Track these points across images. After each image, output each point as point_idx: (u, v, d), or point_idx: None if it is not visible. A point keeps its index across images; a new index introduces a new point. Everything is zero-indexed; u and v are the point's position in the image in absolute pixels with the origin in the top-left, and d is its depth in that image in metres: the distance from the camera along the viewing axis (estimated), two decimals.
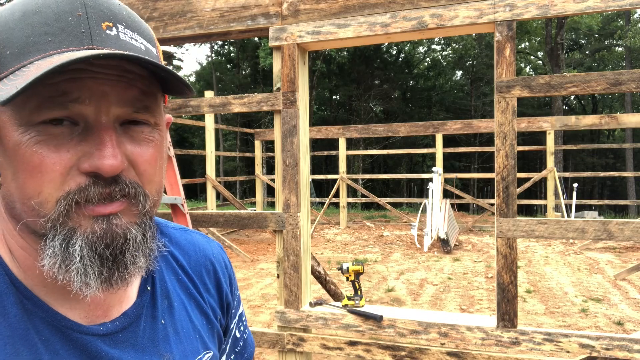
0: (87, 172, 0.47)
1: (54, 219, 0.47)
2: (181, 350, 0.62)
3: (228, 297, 0.74)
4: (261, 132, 11.14)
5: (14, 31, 0.47)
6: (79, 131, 0.48)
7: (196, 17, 2.30)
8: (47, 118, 0.46)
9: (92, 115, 0.48)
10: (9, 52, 0.47)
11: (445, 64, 29.35)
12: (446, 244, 7.83)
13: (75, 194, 0.47)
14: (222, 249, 0.78)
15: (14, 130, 0.47)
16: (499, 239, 1.92)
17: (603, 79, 1.79)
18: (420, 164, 27.82)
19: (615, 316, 4.65)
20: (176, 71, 8.33)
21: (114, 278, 0.49)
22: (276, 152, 2.26)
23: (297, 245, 2.20)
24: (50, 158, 0.47)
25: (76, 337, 0.52)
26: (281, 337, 2.23)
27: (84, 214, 0.48)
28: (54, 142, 0.47)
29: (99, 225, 0.48)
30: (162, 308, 0.63)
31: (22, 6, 0.48)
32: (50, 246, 0.48)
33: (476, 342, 1.96)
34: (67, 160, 0.47)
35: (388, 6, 2.03)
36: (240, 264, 7.19)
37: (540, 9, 1.83)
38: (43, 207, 0.47)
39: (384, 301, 5.19)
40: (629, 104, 23.58)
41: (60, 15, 0.47)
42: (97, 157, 0.47)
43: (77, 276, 0.48)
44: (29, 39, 0.46)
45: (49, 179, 0.47)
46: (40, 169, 0.47)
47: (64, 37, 0.47)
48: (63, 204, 0.47)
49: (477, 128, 9.16)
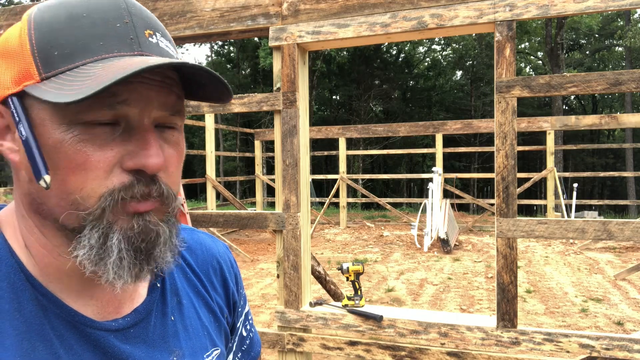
0: (132, 169, 0.50)
1: (95, 214, 0.49)
2: (190, 347, 0.63)
3: (234, 296, 0.75)
4: (261, 132, 11.14)
5: (61, 33, 0.48)
6: (120, 131, 0.50)
7: (196, 17, 2.30)
8: (94, 118, 0.48)
9: (136, 117, 0.50)
10: (56, 52, 0.48)
11: (445, 64, 29.34)
12: (446, 244, 7.83)
13: (120, 191, 0.49)
14: (228, 248, 0.79)
15: (54, 128, 0.48)
16: (499, 239, 1.92)
17: (603, 79, 1.79)
18: (420, 164, 27.82)
19: (615, 316, 4.65)
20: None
21: (144, 271, 0.52)
22: (276, 152, 2.26)
23: (297, 245, 2.20)
24: (94, 156, 0.48)
25: (89, 332, 0.54)
26: (281, 337, 2.23)
27: (125, 210, 0.50)
28: (97, 141, 0.49)
29: (137, 221, 0.51)
30: (172, 305, 0.64)
31: (66, 10, 0.49)
32: (88, 238, 0.49)
33: (476, 342, 1.96)
34: (110, 158, 0.49)
35: (388, 6, 2.03)
36: (241, 264, 7.19)
37: (540, 9, 1.83)
38: (85, 201, 0.49)
39: (384, 301, 5.19)
40: (629, 104, 23.58)
41: (108, 21, 0.49)
42: (143, 156, 0.50)
43: (112, 268, 0.50)
44: (78, 41, 0.48)
45: (93, 176, 0.49)
46: (85, 166, 0.48)
47: (115, 42, 0.49)
48: (108, 199, 0.49)
49: (477, 128, 9.16)
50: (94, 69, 0.46)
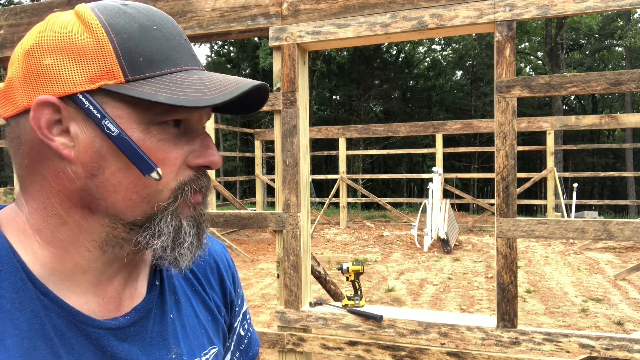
0: (198, 166, 0.57)
1: (170, 204, 0.55)
2: (188, 345, 0.64)
3: (231, 295, 0.76)
4: (261, 132, 11.14)
5: (141, 41, 0.52)
6: (182, 132, 0.56)
7: (196, 17, 2.30)
8: (172, 119, 0.54)
9: (196, 122, 0.57)
10: (142, 58, 0.52)
11: (445, 64, 29.33)
12: (446, 244, 7.83)
13: (188, 183, 0.56)
14: (225, 248, 0.80)
15: (134, 127, 0.52)
16: (499, 239, 1.92)
17: (603, 79, 1.79)
18: (420, 164, 27.81)
19: (615, 316, 4.65)
20: None
21: (197, 254, 0.59)
22: (276, 152, 2.26)
23: (297, 245, 2.20)
24: (172, 153, 0.54)
25: (89, 331, 0.55)
26: (281, 337, 2.23)
27: (187, 201, 0.56)
28: (172, 140, 0.55)
29: (195, 211, 0.58)
30: (170, 303, 0.65)
31: (134, 19, 0.53)
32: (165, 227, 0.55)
33: (476, 342, 1.96)
34: (181, 155, 0.55)
35: (388, 6, 2.03)
36: (240, 264, 7.19)
37: (540, 9, 1.83)
38: (161, 194, 0.55)
39: (384, 301, 5.19)
40: (629, 104, 23.58)
41: (174, 36, 0.56)
42: (210, 155, 0.57)
43: (186, 253, 0.56)
44: (160, 51, 0.53)
45: (169, 171, 0.54)
46: (164, 162, 0.54)
47: (186, 56, 0.56)
48: (179, 191, 0.55)
49: (477, 128, 9.15)
50: (190, 78, 0.53)
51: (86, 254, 0.55)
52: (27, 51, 0.52)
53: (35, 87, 0.51)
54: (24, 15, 2.56)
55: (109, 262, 0.57)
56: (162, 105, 0.50)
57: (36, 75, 0.51)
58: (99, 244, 0.55)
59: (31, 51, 0.51)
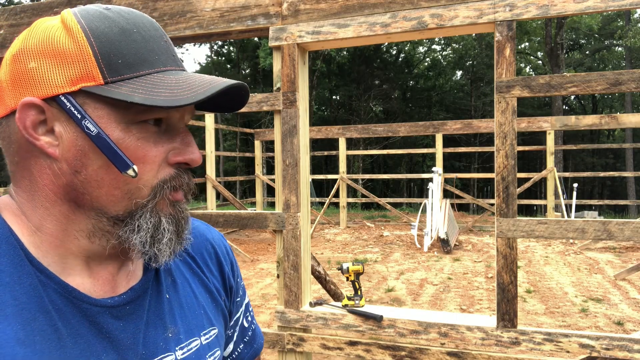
0: (178, 163, 0.58)
1: (149, 201, 0.57)
2: (186, 325, 0.66)
3: (230, 281, 0.78)
4: (261, 132, 11.14)
5: (120, 44, 0.54)
6: (163, 131, 0.58)
7: (196, 17, 2.30)
8: (152, 118, 0.56)
9: (176, 120, 0.59)
10: (120, 61, 0.54)
11: (445, 64, 29.33)
12: (446, 244, 7.83)
13: (170, 181, 0.58)
14: (223, 237, 0.82)
15: (114, 126, 0.54)
16: (499, 239, 1.92)
17: (603, 79, 1.79)
18: (420, 164, 27.80)
19: (615, 316, 4.65)
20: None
21: (177, 251, 0.60)
22: (276, 152, 2.26)
23: (297, 245, 2.20)
24: (152, 152, 0.56)
25: (85, 307, 0.57)
26: (281, 337, 2.23)
27: (167, 198, 0.58)
28: (152, 139, 0.56)
29: (175, 208, 0.59)
30: (167, 284, 0.67)
31: (114, 22, 0.55)
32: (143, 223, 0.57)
33: (476, 342, 1.96)
34: (161, 153, 0.57)
35: (388, 6, 2.03)
36: (241, 264, 7.19)
37: (540, 9, 1.83)
38: (141, 191, 0.56)
39: (384, 301, 5.19)
40: (629, 104, 23.58)
41: (155, 38, 0.57)
42: (189, 152, 0.58)
43: (165, 249, 0.58)
44: (138, 53, 0.55)
45: (149, 169, 0.56)
46: (143, 160, 0.55)
47: (165, 57, 0.57)
48: (159, 189, 0.57)
49: (477, 128, 9.15)
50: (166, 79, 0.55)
51: (75, 242, 0.57)
52: (13, 55, 0.55)
53: (21, 89, 0.54)
54: (24, 15, 2.56)
55: (98, 250, 0.59)
56: (139, 105, 0.52)
57: (22, 78, 0.54)
58: (86, 234, 0.58)
59: (17, 55, 0.55)
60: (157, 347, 0.61)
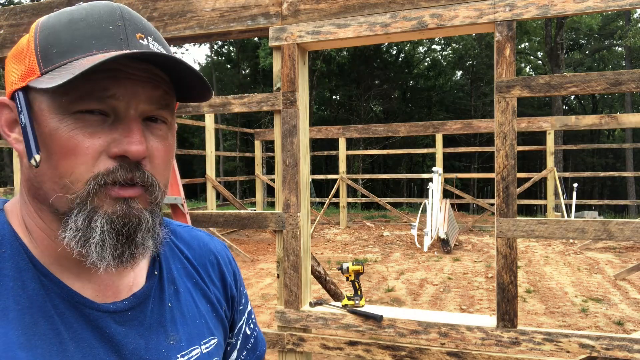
0: (116, 155, 0.54)
1: (82, 197, 0.53)
2: (187, 333, 0.66)
3: (232, 291, 0.78)
4: (261, 132, 11.14)
5: (61, 34, 0.54)
6: (109, 122, 0.54)
7: (196, 17, 2.30)
8: (85, 108, 0.53)
9: (123, 109, 0.54)
10: (55, 50, 0.53)
11: (445, 64, 29.31)
12: (446, 244, 7.83)
13: (104, 175, 0.53)
14: (226, 247, 0.82)
15: (51, 117, 0.53)
16: (499, 239, 1.92)
17: (603, 79, 1.79)
18: (420, 164, 27.80)
19: (615, 316, 4.65)
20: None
21: (125, 255, 0.55)
22: (276, 152, 2.26)
23: (297, 245, 2.20)
24: (84, 143, 0.53)
25: (88, 312, 0.57)
26: (281, 337, 2.23)
27: (108, 194, 0.54)
28: (88, 129, 0.53)
29: (120, 206, 0.54)
30: (169, 292, 0.67)
31: (69, 14, 0.55)
32: (74, 221, 0.53)
33: (476, 342, 1.96)
34: (98, 145, 0.53)
35: (388, 6, 2.03)
36: (240, 264, 7.19)
37: (540, 9, 1.83)
38: (74, 185, 0.53)
39: (384, 301, 5.19)
40: (629, 104, 23.58)
41: (102, 24, 0.55)
42: (126, 143, 0.53)
43: (95, 249, 0.53)
44: (74, 40, 0.53)
45: (82, 161, 0.53)
46: (75, 151, 0.53)
47: (106, 41, 0.54)
48: (93, 183, 0.53)
49: (477, 128, 9.15)
50: (84, 62, 0.51)
51: (57, 242, 0.56)
52: (6, 61, 0.59)
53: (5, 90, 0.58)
54: (24, 15, 2.56)
55: None
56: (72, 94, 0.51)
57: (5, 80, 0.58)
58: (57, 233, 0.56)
59: (7, 60, 0.59)
60: (159, 354, 0.61)
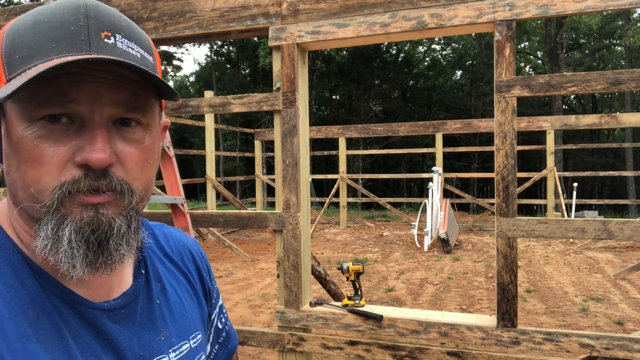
0: (80, 164, 0.52)
1: (48, 206, 0.52)
2: (176, 328, 0.68)
3: (208, 284, 0.80)
4: (261, 132, 11.14)
5: (24, 38, 0.52)
6: (75, 128, 0.52)
7: (196, 17, 2.30)
8: (46, 114, 0.51)
9: (87, 114, 0.52)
10: (17, 56, 0.52)
11: (445, 64, 29.32)
12: (446, 244, 7.83)
13: (69, 184, 0.52)
14: (197, 241, 0.84)
15: (18, 125, 0.52)
16: (499, 238, 1.92)
17: (603, 78, 1.79)
18: (420, 163, 27.80)
19: (615, 316, 4.65)
20: (176, 71, 8.31)
21: (98, 262, 0.54)
22: (276, 152, 2.26)
23: (297, 245, 2.20)
24: (48, 151, 0.51)
25: (84, 310, 0.57)
26: (281, 337, 2.23)
27: (75, 202, 0.52)
28: (53, 137, 0.52)
29: (87, 213, 0.53)
30: (156, 290, 0.68)
31: (33, 16, 0.53)
32: (43, 230, 0.53)
33: (476, 342, 1.96)
34: (63, 153, 0.52)
35: (387, 6, 2.03)
36: (241, 264, 7.19)
37: (539, 8, 1.83)
38: (41, 194, 0.52)
39: (384, 301, 5.19)
40: (629, 104, 23.58)
41: (64, 25, 0.52)
42: (88, 151, 0.52)
43: (64, 258, 0.52)
44: (35, 44, 0.51)
45: (47, 170, 0.52)
46: (40, 160, 0.51)
47: (65, 44, 0.51)
48: (58, 192, 0.52)
49: (477, 128, 9.15)
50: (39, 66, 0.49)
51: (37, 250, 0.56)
52: None
53: None
54: None
55: None
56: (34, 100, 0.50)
57: None
58: None
59: None
60: (152, 350, 0.62)
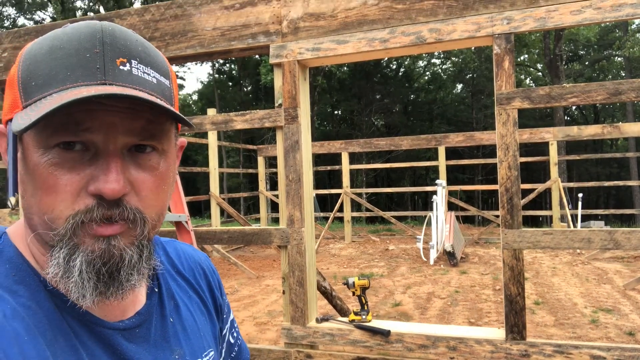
0: (93, 194, 0.51)
1: (62, 234, 0.52)
2: (190, 347, 0.68)
3: (219, 300, 0.80)
4: (264, 148, 11.19)
5: (41, 64, 0.52)
6: (89, 156, 0.52)
7: (197, 36, 2.34)
8: (62, 141, 0.51)
9: (101, 143, 0.52)
10: (34, 83, 0.51)
11: (446, 78, 29.51)
12: (452, 257, 7.77)
13: (82, 214, 0.51)
14: (208, 257, 0.84)
15: (34, 152, 0.52)
16: (505, 250, 1.91)
17: (603, 89, 1.80)
18: (424, 176, 27.77)
19: (626, 326, 4.58)
20: (179, 90, 8.60)
21: (109, 292, 0.54)
22: (279, 168, 2.27)
23: (302, 260, 2.19)
24: (63, 180, 0.51)
25: (99, 330, 0.58)
26: (288, 354, 2.21)
27: (88, 233, 0.52)
28: (67, 165, 0.51)
29: (99, 245, 0.52)
30: (170, 308, 0.68)
31: (50, 42, 0.53)
32: (56, 257, 0.52)
33: (485, 356, 1.93)
34: (77, 182, 0.51)
35: (386, 22, 2.05)
36: (246, 281, 7.15)
37: (537, 21, 1.85)
38: (54, 222, 0.52)
39: (391, 316, 5.13)
40: (631, 113, 23.58)
41: (80, 52, 0.51)
42: (102, 182, 0.51)
43: (74, 288, 0.52)
44: (51, 72, 0.51)
45: (61, 198, 0.51)
46: (55, 188, 0.51)
47: (80, 72, 0.51)
48: (71, 222, 0.51)
49: (480, 140, 9.17)
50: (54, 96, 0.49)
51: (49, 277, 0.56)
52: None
53: None
54: (27, 38, 2.60)
55: None
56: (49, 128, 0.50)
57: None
58: None
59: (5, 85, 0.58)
60: None
